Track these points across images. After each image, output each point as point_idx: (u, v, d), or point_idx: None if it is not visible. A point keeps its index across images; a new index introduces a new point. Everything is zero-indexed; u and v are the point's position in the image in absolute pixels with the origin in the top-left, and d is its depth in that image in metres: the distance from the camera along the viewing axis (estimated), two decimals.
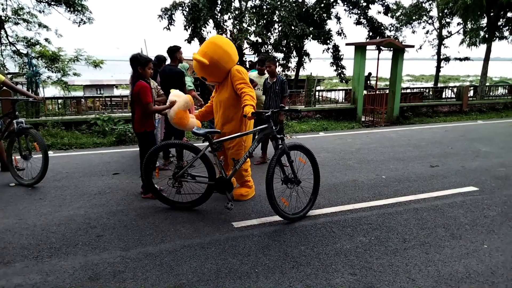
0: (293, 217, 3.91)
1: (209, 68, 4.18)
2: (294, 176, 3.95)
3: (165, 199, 4.20)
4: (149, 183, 4.15)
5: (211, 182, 3.99)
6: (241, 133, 4.23)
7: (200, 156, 3.93)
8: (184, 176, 4.07)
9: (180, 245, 3.40)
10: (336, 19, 18.75)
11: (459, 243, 3.46)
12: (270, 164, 3.79)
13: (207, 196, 4.10)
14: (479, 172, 5.64)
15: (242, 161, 4.00)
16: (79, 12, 15.33)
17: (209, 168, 3.98)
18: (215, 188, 3.99)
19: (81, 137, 7.70)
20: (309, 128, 9.34)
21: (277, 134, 4.24)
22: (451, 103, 12.49)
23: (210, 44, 4.24)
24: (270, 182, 3.72)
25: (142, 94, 4.08)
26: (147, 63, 4.15)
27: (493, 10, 13.42)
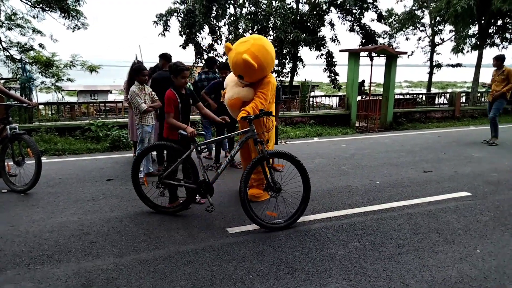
0: (273, 226, 3.80)
1: (253, 71, 4.12)
2: (273, 184, 3.87)
3: (150, 202, 4.24)
4: (137, 187, 4.21)
5: (193, 185, 4.00)
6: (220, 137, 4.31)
7: (185, 159, 3.95)
8: (169, 178, 4.09)
9: (174, 251, 3.38)
10: (330, 26, 18.93)
11: (452, 248, 3.48)
12: (244, 170, 3.77)
13: (190, 200, 4.11)
14: (471, 177, 5.69)
15: (225, 165, 3.99)
16: (73, 17, 15.31)
17: (193, 171, 4.00)
18: (197, 191, 3.99)
19: (75, 142, 7.66)
20: (304, 134, 9.37)
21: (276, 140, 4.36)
22: (443, 109, 12.62)
23: (260, 48, 4.15)
24: (244, 188, 3.69)
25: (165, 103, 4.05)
26: (180, 72, 3.99)
27: (484, 17, 13.63)
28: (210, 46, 17.74)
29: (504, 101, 7.91)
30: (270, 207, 4.12)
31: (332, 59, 18.94)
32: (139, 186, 4.24)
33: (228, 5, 16.89)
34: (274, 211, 3.99)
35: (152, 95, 5.11)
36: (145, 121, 4.98)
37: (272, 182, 3.88)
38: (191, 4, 16.72)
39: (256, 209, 3.95)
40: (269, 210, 4.06)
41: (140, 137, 5.04)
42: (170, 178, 4.10)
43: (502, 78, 7.76)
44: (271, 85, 4.40)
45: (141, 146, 5.04)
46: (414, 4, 21.26)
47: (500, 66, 7.88)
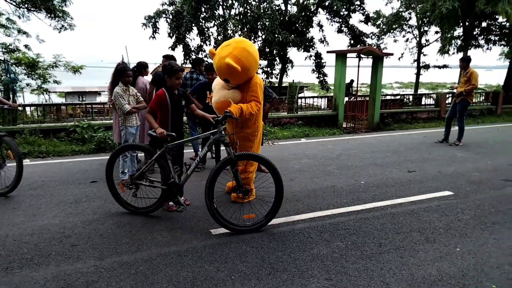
0: (242, 229, 3.77)
1: (237, 74, 4.14)
2: (238, 187, 3.85)
3: (124, 203, 4.25)
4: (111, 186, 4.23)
5: (163, 186, 4.00)
6: (188, 138, 4.29)
7: (156, 160, 3.96)
8: (141, 179, 4.09)
9: (157, 253, 3.36)
10: (319, 27, 19.04)
11: (433, 247, 3.53)
12: (210, 172, 3.75)
13: (162, 201, 4.10)
14: (455, 176, 5.77)
15: (193, 167, 3.95)
16: (59, 18, 15.12)
17: (164, 172, 3.99)
18: (167, 193, 3.99)
19: (60, 144, 7.56)
20: (291, 135, 9.40)
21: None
22: (429, 109, 12.79)
23: (242, 51, 4.15)
24: (209, 191, 3.67)
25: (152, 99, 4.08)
26: (175, 73, 3.97)
27: (469, 19, 13.86)
28: (199, 47, 17.71)
29: (467, 103, 7.95)
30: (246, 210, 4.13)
31: (321, 60, 19.05)
32: (114, 187, 4.25)
33: (217, 6, 16.87)
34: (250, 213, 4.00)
35: (137, 96, 5.08)
36: (129, 122, 4.95)
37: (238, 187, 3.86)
38: (179, 5, 16.68)
39: (231, 213, 3.99)
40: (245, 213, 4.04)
41: (124, 138, 5.00)
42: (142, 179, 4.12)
43: (466, 79, 7.83)
44: (258, 85, 4.43)
45: None
46: (401, 6, 21.52)
47: (466, 67, 7.93)
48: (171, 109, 4.08)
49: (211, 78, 5.73)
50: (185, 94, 4.27)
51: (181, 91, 4.22)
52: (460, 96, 7.90)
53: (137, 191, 4.13)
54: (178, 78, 4.02)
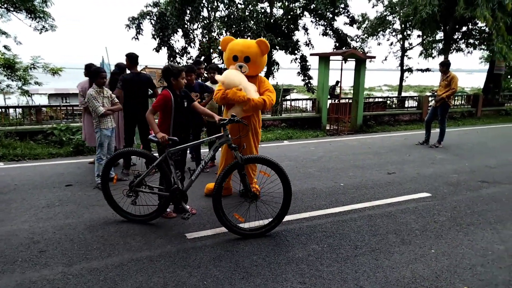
0: (250, 233, 3.72)
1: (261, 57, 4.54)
2: (246, 191, 3.77)
3: (121, 210, 4.07)
4: (106, 193, 4.03)
5: (166, 193, 3.89)
6: (194, 142, 4.21)
7: (157, 165, 3.83)
8: (141, 186, 3.95)
9: (128, 258, 3.28)
10: (304, 30, 19.12)
11: (408, 249, 3.53)
12: (218, 177, 3.69)
13: (163, 208, 3.98)
14: (433, 178, 5.82)
15: (198, 171, 3.89)
16: (40, 19, 14.84)
17: (166, 178, 3.89)
18: (171, 199, 3.88)
19: (36, 147, 7.37)
20: (274, 137, 9.38)
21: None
22: (411, 112, 12.94)
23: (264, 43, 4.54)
24: (217, 195, 3.61)
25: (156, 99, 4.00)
26: (180, 73, 3.95)
27: (449, 24, 14.11)
28: (183, 49, 17.59)
29: (447, 106, 8.06)
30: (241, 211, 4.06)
31: (306, 63, 19.12)
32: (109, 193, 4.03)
33: (201, 8, 16.80)
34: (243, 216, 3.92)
35: (112, 98, 4.98)
36: (104, 124, 4.85)
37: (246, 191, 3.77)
38: (163, 7, 16.55)
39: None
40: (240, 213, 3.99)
41: (98, 141, 4.89)
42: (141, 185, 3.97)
43: (446, 83, 7.96)
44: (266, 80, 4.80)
45: (100, 150, 4.89)
46: (386, 9, 21.79)
47: (446, 71, 8.05)
48: (175, 110, 3.97)
49: (189, 79, 5.67)
50: (186, 95, 4.17)
51: (183, 92, 4.13)
52: (441, 100, 8.01)
53: (136, 199, 3.95)
54: (184, 77, 4.01)
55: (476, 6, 11.53)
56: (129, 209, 4.06)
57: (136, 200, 3.93)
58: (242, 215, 3.90)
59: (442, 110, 8.08)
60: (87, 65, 5.89)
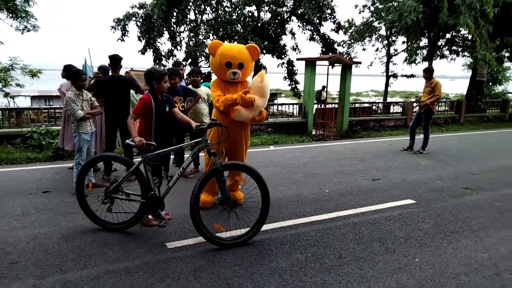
0: (230, 242, 3.61)
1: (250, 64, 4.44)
2: (224, 199, 3.66)
3: (96, 218, 3.92)
4: (81, 200, 3.88)
5: (142, 200, 3.77)
6: (172, 147, 4.06)
7: (134, 171, 3.71)
8: (117, 192, 3.82)
9: (105, 270, 3.15)
10: (291, 35, 19.17)
11: (393, 258, 3.49)
12: (196, 183, 3.57)
13: (139, 216, 3.86)
14: (417, 185, 5.83)
15: (176, 178, 3.78)
16: (22, 19, 14.48)
17: (143, 185, 3.76)
18: (147, 206, 3.76)
19: (14, 151, 7.13)
20: (260, 142, 9.31)
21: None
22: (396, 117, 13.06)
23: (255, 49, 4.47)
24: (195, 204, 3.50)
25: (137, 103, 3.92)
26: (163, 77, 3.89)
27: (433, 31, 14.33)
28: (169, 52, 17.43)
29: (431, 113, 8.13)
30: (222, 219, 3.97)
31: (293, 67, 19.17)
32: (85, 201, 3.89)
33: (188, 11, 16.69)
34: (224, 225, 3.84)
35: (92, 101, 4.83)
36: (83, 128, 4.70)
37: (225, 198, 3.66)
38: (150, 9, 16.38)
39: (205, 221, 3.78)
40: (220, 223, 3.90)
41: (77, 146, 4.74)
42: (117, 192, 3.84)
43: (430, 90, 8.03)
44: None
45: (79, 155, 4.74)
46: (372, 15, 22.04)
47: (429, 78, 8.13)
48: (155, 115, 3.89)
49: (173, 83, 5.56)
50: (169, 100, 4.08)
51: (165, 97, 4.05)
52: (425, 106, 8.07)
53: (112, 206, 3.82)
54: (166, 81, 3.95)
55: (459, 14, 11.74)
56: (106, 217, 3.91)
57: (111, 207, 3.80)
58: (223, 224, 3.80)
59: (426, 116, 8.14)
60: (66, 66, 5.72)
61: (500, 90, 21.31)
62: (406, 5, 12.50)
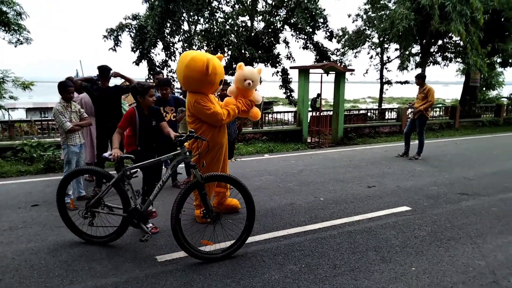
0: (209, 256, 3.49)
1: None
2: (207, 211, 3.58)
3: (79, 232, 3.84)
4: (62, 213, 3.81)
5: (124, 214, 3.68)
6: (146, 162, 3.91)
7: (113, 184, 3.63)
8: (98, 206, 3.73)
9: (92, 286, 3.04)
10: (285, 44, 19.25)
11: (388, 267, 3.41)
12: (177, 197, 3.46)
13: (122, 230, 3.76)
14: (413, 191, 5.77)
15: (156, 191, 3.66)
16: (15, 32, 14.45)
17: (123, 198, 3.68)
18: (128, 221, 3.66)
19: (4, 164, 7.02)
20: (255, 150, 9.25)
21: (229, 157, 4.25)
22: (391, 124, 13.06)
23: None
24: (175, 215, 3.39)
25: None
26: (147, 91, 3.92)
27: (425, 37, 14.43)
28: (164, 62, 17.43)
29: (425, 119, 8.09)
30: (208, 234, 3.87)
31: (287, 76, 19.20)
32: (65, 212, 3.84)
33: (182, 22, 16.73)
34: (211, 240, 3.75)
35: (80, 113, 4.76)
36: (71, 140, 4.62)
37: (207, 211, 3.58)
38: (143, 19, 16.42)
39: (192, 236, 3.69)
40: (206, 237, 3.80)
41: (66, 158, 4.65)
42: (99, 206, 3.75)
43: (423, 96, 8.02)
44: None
45: (67, 168, 4.65)
46: (364, 24, 22.22)
47: (422, 84, 8.12)
48: (140, 129, 3.91)
49: (164, 93, 5.52)
50: (157, 113, 4.06)
51: (153, 110, 4.04)
52: (418, 113, 8.06)
53: (93, 220, 3.75)
54: (151, 95, 3.93)
55: (451, 21, 11.82)
56: (91, 231, 3.83)
57: (93, 221, 3.73)
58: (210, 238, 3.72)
59: (420, 122, 8.13)
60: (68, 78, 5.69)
61: (494, 95, 21.47)
62: (397, 12, 12.58)
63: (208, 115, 4.09)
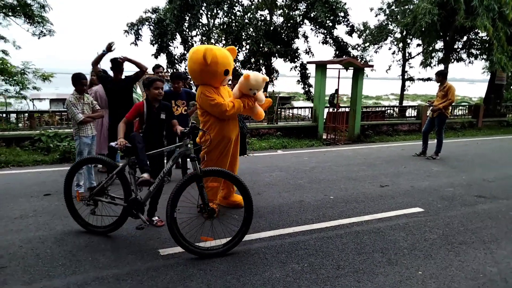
0: (207, 252, 3.44)
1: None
2: (204, 206, 3.54)
3: (81, 220, 3.94)
4: (68, 202, 3.92)
5: (124, 204, 3.72)
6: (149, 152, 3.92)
7: (117, 174, 3.67)
8: (102, 195, 3.79)
9: (93, 277, 3.07)
10: (304, 38, 19.00)
11: (394, 270, 3.31)
12: (173, 190, 3.45)
13: (122, 220, 3.80)
14: (427, 192, 5.59)
15: (156, 182, 3.67)
16: (38, 24, 14.81)
17: (125, 188, 3.72)
18: (128, 211, 3.69)
19: (22, 154, 7.22)
20: (268, 146, 9.19)
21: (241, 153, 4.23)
22: (411, 122, 12.71)
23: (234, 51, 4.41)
24: (170, 211, 3.38)
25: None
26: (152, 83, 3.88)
27: (449, 33, 13.94)
28: (182, 56, 17.52)
29: (444, 117, 7.82)
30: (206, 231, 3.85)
31: (306, 71, 18.98)
32: (71, 202, 3.95)
33: (200, 15, 16.74)
34: (210, 235, 3.72)
35: (93, 105, 4.82)
36: (83, 132, 4.68)
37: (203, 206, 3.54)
38: (162, 13, 16.52)
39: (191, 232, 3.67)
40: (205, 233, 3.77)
41: (78, 149, 4.72)
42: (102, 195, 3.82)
43: (443, 94, 7.73)
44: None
45: (79, 158, 4.71)
46: (387, 18, 21.67)
47: (442, 81, 7.82)
48: (147, 121, 3.91)
49: (176, 87, 5.52)
50: (167, 108, 4.06)
51: (163, 105, 4.04)
52: (438, 111, 7.80)
53: (95, 208, 3.83)
54: (157, 88, 3.88)
55: (477, 16, 11.37)
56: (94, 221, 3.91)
57: (95, 210, 3.82)
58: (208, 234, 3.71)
59: (439, 121, 7.87)
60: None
61: None
62: (420, 7, 12.20)
63: (212, 106, 4.10)
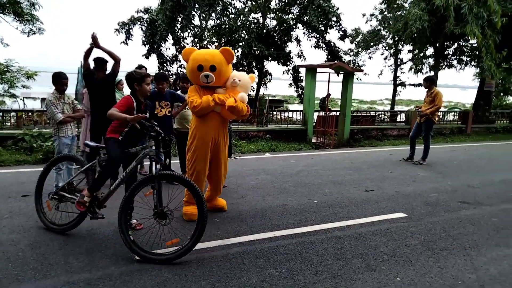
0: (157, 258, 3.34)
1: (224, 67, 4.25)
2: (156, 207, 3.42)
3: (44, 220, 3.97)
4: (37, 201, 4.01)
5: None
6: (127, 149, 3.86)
7: (84, 171, 3.69)
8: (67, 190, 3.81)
9: (64, 281, 2.99)
10: (296, 42, 19.03)
11: (372, 276, 3.27)
12: (126, 193, 3.41)
13: (81, 218, 3.78)
14: (412, 197, 5.58)
15: (117, 182, 3.62)
16: (28, 22, 14.66)
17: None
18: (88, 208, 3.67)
19: (4, 153, 7.08)
20: (257, 149, 9.14)
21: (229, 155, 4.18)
22: (400, 127, 12.75)
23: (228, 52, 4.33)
24: (121, 213, 3.34)
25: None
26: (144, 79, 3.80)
27: (439, 39, 14.04)
28: (174, 57, 17.43)
29: (431, 123, 7.86)
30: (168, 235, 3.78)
31: (298, 74, 19.00)
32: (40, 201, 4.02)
33: (193, 17, 16.69)
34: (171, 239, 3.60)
35: (74, 104, 4.73)
36: (63, 132, 4.59)
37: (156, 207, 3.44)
38: (154, 13, 16.44)
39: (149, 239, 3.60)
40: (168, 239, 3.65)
41: (57, 150, 4.63)
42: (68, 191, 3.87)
43: (430, 99, 7.76)
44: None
45: None
46: (379, 24, 21.80)
47: (430, 87, 7.86)
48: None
49: (161, 88, 5.46)
50: (151, 107, 4.03)
51: (149, 104, 3.99)
52: (425, 116, 7.82)
53: (59, 204, 3.85)
54: (148, 84, 3.83)
55: (466, 23, 11.44)
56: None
57: (59, 205, 3.84)
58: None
59: (426, 126, 7.89)
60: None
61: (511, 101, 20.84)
62: (411, 13, 12.26)
63: (189, 103, 4.23)
